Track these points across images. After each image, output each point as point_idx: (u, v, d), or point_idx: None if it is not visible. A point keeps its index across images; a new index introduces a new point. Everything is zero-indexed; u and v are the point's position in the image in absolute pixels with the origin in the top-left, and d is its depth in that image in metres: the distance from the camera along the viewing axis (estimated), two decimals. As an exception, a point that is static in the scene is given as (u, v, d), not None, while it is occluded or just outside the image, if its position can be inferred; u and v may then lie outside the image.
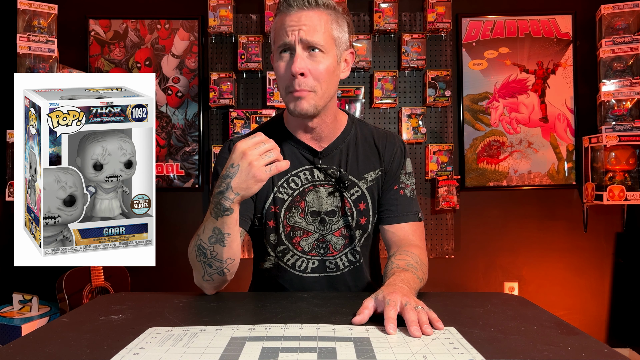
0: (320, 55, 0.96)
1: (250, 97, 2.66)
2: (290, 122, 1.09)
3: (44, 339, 0.70)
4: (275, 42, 0.99)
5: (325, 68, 0.96)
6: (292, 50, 0.96)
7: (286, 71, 0.97)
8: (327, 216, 1.07)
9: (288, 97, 0.98)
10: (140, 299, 0.94)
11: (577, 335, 0.71)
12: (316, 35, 0.95)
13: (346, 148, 1.09)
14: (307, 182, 1.07)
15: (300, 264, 1.09)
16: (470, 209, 2.67)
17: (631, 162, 2.47)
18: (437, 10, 2.56)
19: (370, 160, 1.11)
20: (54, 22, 2.46)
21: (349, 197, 1.08)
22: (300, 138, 1.08)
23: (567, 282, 2.66)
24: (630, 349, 2.61)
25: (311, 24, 0.95)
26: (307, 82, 0.96)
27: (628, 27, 2.50)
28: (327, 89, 0.99)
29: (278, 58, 0.99)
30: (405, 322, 0.72)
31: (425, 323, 0.71)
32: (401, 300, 0.75)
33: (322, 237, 1.08)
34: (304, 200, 1.07)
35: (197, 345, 0.66)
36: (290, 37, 0.95)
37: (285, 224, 1.07)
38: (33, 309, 2.39)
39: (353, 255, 1.11)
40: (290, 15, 0.96)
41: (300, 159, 1.07)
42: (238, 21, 2.65)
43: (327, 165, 1.07)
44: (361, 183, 1.09)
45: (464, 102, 2.67)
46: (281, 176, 1.06)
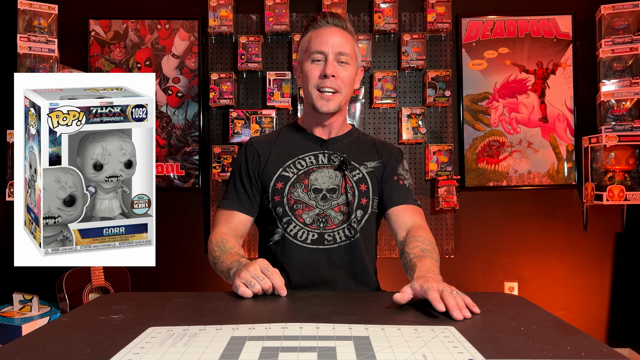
0: (346, 66, 1.21)
1: (250, 97, 2.66)
2: (306, 117, 1.29)
3: (44, 339, 0.70)
4: (308, 50, 1.21)
5: (348, 75, 1.21)
6: (325, 57, 1.19)
7: (319, 74, 1.19)
8: (328, 193, 1.21)
9: (316, 95, 1.20)
10: (140, 298, 0.94)
11: (576, 335, 0.71)
12: (345, 48, 1.20)
13: (349, 142, 1.29)
14: (312, 164, 1.24)
15: (301, 234, 1.20)
16: (470, 209, 2.67)
17: (631, 162, 2.47)
18: (437, 10, 2.56)
19: (370, 153, 1.29)
20: (54, 22, 2.46)
21: (351, 177, 1.23)
22: (312, 130, 1.28)
23: (567, 282, 2.67)
24: (630, 349, 2.61)
25: (342, 40, 1.20)
26: (336, 83, 1.19)
27: (628, 27, 2.50)
28: (347, 93, 1.23)
29: (310, 62, 1.20)
30: (447, 306, 0.79)
31: (464, 307, 0.80)
32: (437, 286, 0.83)
33: (323, 212, 1.20)
34: (308, 179, 1.21)
35: (197, 344, 0.66)
36: (326, 47, 1.19)
37: (289, 197, 1.20)
38: (33, 309, 2.39)
39: (349, 231, 1.20)
40: (327, 30, 1.20)
41: (308, 145, 1.26)
42: (238, 21, 2.65)
43: (332, 151, 1.25)
44: (362, 167, 1.25)
45: (464, 102, 2.68)
46: (288, 159, 1.24)
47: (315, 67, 1.20)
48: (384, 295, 1.02)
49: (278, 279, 0.96)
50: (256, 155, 1.26)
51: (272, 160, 1.25)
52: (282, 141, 1.29)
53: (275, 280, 0.95)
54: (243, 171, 1.27)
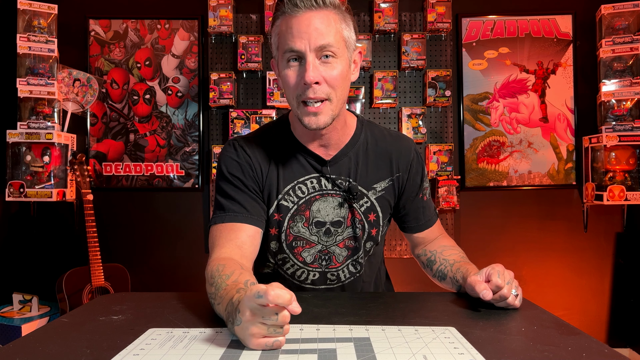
0: (333, 61, 0.89)
1: (250, 97, 2.66)
2: (298, 128, 1.02)
3: (44, 339, 0.70)
4: (281, 47, 0.91)
5: (339, 74, 0.90)
6: (303, 58, 0.88)
7: (298, 80, 0.89)
8: (332, 227, 1.03)
9: (302, 110, 0.91)
10: (140, 299, 0.94)
11: (577, 335, 0.71)
12: (328, 38, 0.87)
13: (355, 155, 1.04)
14: (314, 190, 1.02)
15: (300, 274, 1.07)
16: (470, 209, 2.67)
17: (631, 162, 2.46)
18: (437, 10, 2.56)
19: (380, 169, 1.05)
20: (54, 22, 2.46)
21: (359, 208, 1.04)
22: (308, 145, 1.02)
23: (567, 282, 2.66)
24: (630, 349, 2.61)
25: (322, 27, 0.87)
26: (322, 90, 0.89)
27: (628, 27, 2.50)
28: (341, 95, 0.93)
29: (285, 66, 0.91)
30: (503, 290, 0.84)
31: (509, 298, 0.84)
32: (509, 276, 0.87)
33: (326, 249, 1.04)
34: (309, 210, 1.02)
35: (197, 347, 0.66)
36: (300, 44, 0.87)
37: (287, 232, 1.02)
38: (33, 309, 2.39)
39: (354, 267, 1.09)
40: (298, 18, 0.87)
41: (307, 168, 1.02)
42: (238, 21, 2.65)
43: (336, 175, 1.02)
44: (370, 194, 1.04)
45: (464, 102, 2.67)
46: (287, 183, 1.01)
47: (292, 72, 0.90)
48: (384, 295, 1.01)
49: (292, 305, 0.64)
50: (252, 163, 1.01)
51: (271, 180, 1.01)
52: (280, 157, 1.03)
53: (288, 318, 0.65)
54: (240, 176, 1.00)
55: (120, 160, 2.65)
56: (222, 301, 0.75)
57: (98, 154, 2.65)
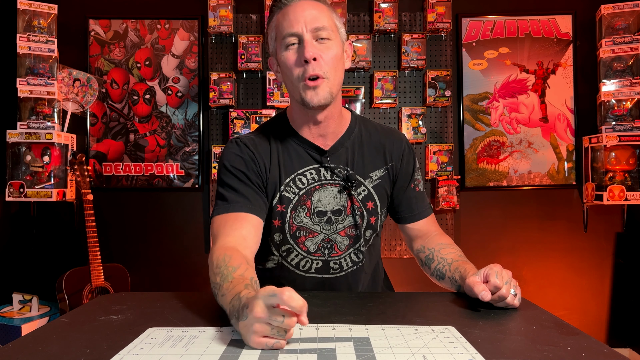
0: (328, 42, 0.97)
1: (250, 97, 2.66)
2: (296, 119, 1.06)
3: (44, 339, 0.70)
4: (279, 35, 0.99)
5: (334, 55, 0.97)
6: (301, 39, 0.96)
7: (298, 59, 0.96)
8: (333, 215, 1.06)
9: (303, 86, 0.96)
10: (140, 299, 0.94)
11: (577, 335, 0.71)
12: (322, 21, 0.96)
13: (352, 146, 1.09)
14: (314, 181, 1.06)
15: (304, 264, 1.09)
16: (470, 209, 2.67)
17: (631, 162, 2.46)
18: (437, 10, 2.56)
19: (375, 159, 1.10)
20: (54, 22, 2.46)
21: (357, 196, 1.07)
22: (306, 136, 1.06)
23: (567, 282, 2.66)
24: (630, 349, 2.61)
25: (316, 12, 0.96)
26: (320, 67, 0.95)
27: (628, 27, 2.50)
28: (337, 76, 0.99)
29: (284, 49, 0.97)
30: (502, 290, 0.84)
31: (508, 298, 0.84)
32: (506, 275, 0.86)
33: (328, 237, 1.07)
34: (310, 200, 1.05)
35: (196, 346, 0.66)
36: (297, 27, 0.95)
37: (291, 223, 1.05)
38: (33, 309, 2.39)
39: (357, 256, 1.11)
40: (294, 6, 0.97)
41: (307, 158, 1.06)
42: (238, 21, 2.65)
43: (335, 164, 1.06)
44: (367, 182, 1.09)
45: (464, 102, 2.67)
46: (288, 175, 1.05)
47: (292, 54, 0.97)
48: (383, 295, 1.01)
49: (302, 316, 0.64)
50: (255, 158, 1.04)
51: (273, 173, 1.05)
52: (280, 149, 1.06)
53: (293, 321, 0.65)
54: (244, 170, 1.03)
55: (120, 160, 2.65)
56: (227, 293, 0.76)
57: (98, 154, 2.65)
